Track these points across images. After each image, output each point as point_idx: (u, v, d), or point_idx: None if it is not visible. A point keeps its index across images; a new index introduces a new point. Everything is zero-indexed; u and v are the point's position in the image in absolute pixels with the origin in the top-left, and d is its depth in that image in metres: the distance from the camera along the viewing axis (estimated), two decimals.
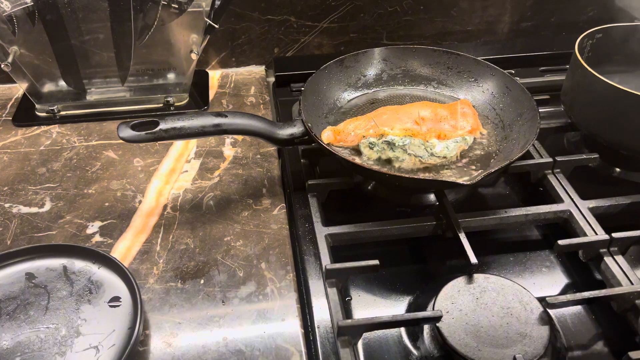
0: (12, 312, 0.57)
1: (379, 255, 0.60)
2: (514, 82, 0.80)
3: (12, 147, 0.83)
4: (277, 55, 1.03)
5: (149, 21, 0.79)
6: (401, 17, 1.02)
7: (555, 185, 0.73)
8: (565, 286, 0.65)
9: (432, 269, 0.68)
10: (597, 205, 0.70)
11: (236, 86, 0.98)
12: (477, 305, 0.58)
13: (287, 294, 0.61)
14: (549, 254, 0.69)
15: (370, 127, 0.74)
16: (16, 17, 0.76)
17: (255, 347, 0.56)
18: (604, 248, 0.64)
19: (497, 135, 0.78)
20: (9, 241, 0.67)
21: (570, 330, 0.59)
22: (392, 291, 0.64)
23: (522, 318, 0.57)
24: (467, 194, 0.77)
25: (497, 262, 0.67)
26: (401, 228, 0.67)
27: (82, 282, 0.60)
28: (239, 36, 0.99)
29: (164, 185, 0.76)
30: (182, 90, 0.92)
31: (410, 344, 0.58)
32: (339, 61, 0.84)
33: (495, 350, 0.54)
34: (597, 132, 0.78)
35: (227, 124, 0.67)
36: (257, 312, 0.60)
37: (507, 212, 0.69)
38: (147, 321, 0.58)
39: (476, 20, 1.05)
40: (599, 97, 0.75)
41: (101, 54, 0.85)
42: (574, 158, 0.76)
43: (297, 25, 1.00)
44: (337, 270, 0.60)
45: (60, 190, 0.75)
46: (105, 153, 0.82)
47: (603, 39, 0.84)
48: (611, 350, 0.58)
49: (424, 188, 0.75)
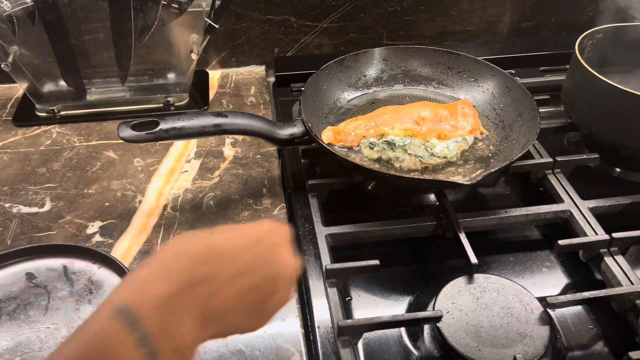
0: (12, 312, 0.57)
1: (379, 255, 0.60)
2: (514, 82, 0.80)
3: (12, 147, 0.83)
4: (277, 55, 1.03)
5: (149, 21, 0.79)
6: (401, 17, 1.02)
7: (556, 185, 0.73)
8: (566, 286, 0.65)
9: (432, 269, 0.68)
10: (598, 205, 0.70)
11: (236, 86, 0.98)
12: (477, 305, 0.58)
13: None
14: (549, 254, 0.69)
15: (370, 127, 0.74)
16: (16, 17, 0.76)
17: (256, 347, 0.56)
18: (604, 248, 0.64)
19: (497, 135, 0.78)
20: (9, 241, 0.67)
21: (570, 330, 0.59)
22: (393, 291, 0.64)
23: (522, 318, 0.57)
24: (468, 194, 0.77)
25: (497, 262, 0.67)
26: (401, 228, 0.67)
27: (83, 282, 0.60)
28: (239, 36, 0.99)
29: (164, 185, 0.76)
30: (182, 90, 0.92)
31: (411, 344, 0.58)
32: (339, 61, 0.84)
33: (495, 350, 0.54)
34: (598, 132, 0.78)
35: (227, 124, 0.67)
36: None
37: (508, 212, 0.69)
38: None
39: (476, 20, 1.05)
40: (599, 97, 0.75)
41: (101, 54, 0.84)
42: (574, 158, 0.76)
43: (297, 25, 1.00)
44: (337, 270, 0.60)
45: (60, 190, 0.75)
46: (106, 153, 0.82)
47: (603, 39, 0.84)
48: (611, 350, 0.58)
49: (424, 188, 0.75)
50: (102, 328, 0.31)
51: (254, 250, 0.38)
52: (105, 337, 0.30)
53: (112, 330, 0.30)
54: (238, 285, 0.36)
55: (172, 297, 0.33)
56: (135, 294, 0.32)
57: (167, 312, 0.32)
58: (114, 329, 0.30)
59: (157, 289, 0.32)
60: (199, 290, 0.34)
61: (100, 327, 0.31)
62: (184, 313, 0.33)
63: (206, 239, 0.37)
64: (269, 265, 0.39)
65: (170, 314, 0.32)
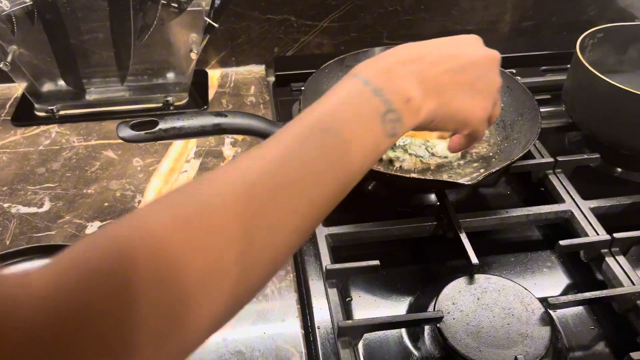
0: None
1: (379, 255, 0.60)
2: (515, 81, 0.79)
3: (11, 147, 0.83)
4: (277, 54, 1.03)
5: (148, 20, 0.79)
6: (402, 17, 1.01)
7: (557, 185, 0.73)
8: (567, 287, 0.65)
9: (432, 270, 0.67)
10: (599, 206, 0.70)
11: (236, 86, 0.98)
12: (478, 306, 0.58)
13: (287, 295, 0.61)
14: (550, 254, 0.68)
15: None
16: (15, 17, 0.75)
17: (255, 347, 0.56)
18: (605, 248, 0.64)
19: (498, 135, 0.78)
20: (7, 241, 0.67)
21: (571, 330, 0.59)
22: (393, 292, 0.64)
23: (523, 319, 0.57)
24: (468, 194, 0.77)
25: (498, 263, 0.67)
26: (402, 228, 0.66)
27: None
28: (239, 35, 0.99)
29: (164, 185, 0.76)
30: (181, 90, 0.91)
31: (411, 344, 0.58)
32: (340, 61, 0.84)
33: (496, 351, 0.54)
34: (599, 132, 0.78)
35: (227, 124, 0.67)
36: (257, 312, 0.59)
37: (508, 212, 0.68)
38: None
39: (477, 19, 1.04)
40: (600, 96, 0.75)
41: (100, 54, 0.84)
42: (575, 158, 0.76)
43: (297, 25, 0.99)
44: (337, 271, 0.60)
45: (59, 190, 0.75)
46: (105, 153, 0.82)
47: (604, 38, 0.84)
48: (612, 351, 0.58)
49: (424, 188, 0.74)
50: (344, 83, 0.40)
51: (457, 42, 0.46)
52: (346, 88, 0.39)
53: (351, 83, 0.39)
54: (448, 64, 0.43)
55: (391, 67, 0.41)
56: (365, 66, 0.41)
57: (391, 75, 0.40)
58: (353, 83, 0.39)
59: (378, 60, 0.42)
60: (413, 66, 0.41)
61: (342, 83, 0.40)
62: (405, 78, 0.40)
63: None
64: (475, 55, 0.45)
65: (393, 75, 0.40)
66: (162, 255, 0.27)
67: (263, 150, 0.35)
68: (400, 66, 0.41)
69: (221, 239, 0.30)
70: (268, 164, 0.33)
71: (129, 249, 0.27)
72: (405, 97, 0.39)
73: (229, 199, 0.31)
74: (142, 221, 0.29)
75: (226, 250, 0.30)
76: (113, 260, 0.26)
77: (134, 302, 0.26)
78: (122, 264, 0.26)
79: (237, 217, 0.30)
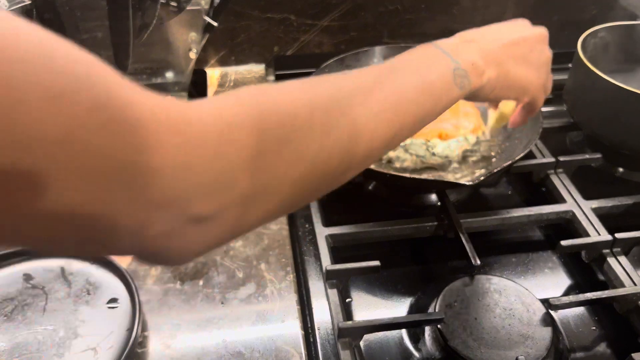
0: (9, 313, 0.57)
1: (379, 256, 0.60)
2: None
3: None
4: (277, 53, 1.02)
5: (147, 20, 0.79)
6: (402, 16, 1.01)
7: (558, 186, 0.72)
8: (568, 287, 0.65)
9: (433, 270, 0.67)
10: (600, 206, 0.70)
11: (236, 85, 0.97)
12: (479, 307, 0.58)
13: (287, 295, 0.61)
14: (552, 254, 0.68)
15: None
16: None
17: (255, 348, 0.56)
18: (606, 249, 0.63)
19: (499, 134, 0.77)
20: None
21: (572, 331, 0.59)
22: (393, 292, 0.63)
23: (524, 319, 0.56)
24: (469, 194, 0.76)
25: (499, 263, 0.67)
26: (402, 229, 0.66)
27: (80, 283, 0.59)
28: (239, 35, 0.99)
29: None
30: (180, 89, 0.91)
31: (412, 345, 0.58)
32: (340, 60, 0.83)
33: (497, 351, 0.53)
34: (600, 132, 0.78)
35: None
36: (256, 313, 0.59)
37: (510, 212, 0.68)
38: (146, 322, 0.58)
39: (478, 18, 1.04)
40: (602, 96, 0.74)
41: (99, 53, 0.84)
42: (576, 158, 0.75)
43: (297, 24, 0.99)
44: (337, 271, 0.59)
45: None
46: None
47: (606, 37, 0.83)
48: (614, 351, 0.57)
49: (425, 188, 0.74)
50: (414, 48, 0.46)
51: (509, 24, 0.53)
52: (418, 49, 0.46)
53: (422, 47, 0.46)
54: (503, 40, 0.49)
55: (456, 43, 0.47)
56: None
57: (457, 48, 0.46)
58: (424, 46, 0.46)
59: (442, 40, 0.48)
60: (474, 44, 0.48)
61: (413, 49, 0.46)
62: (469, 51, 0.46)
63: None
64: (525, 32, 0.52)
65: (459, 48, 0.46)
66: (293, 122, 0.35)
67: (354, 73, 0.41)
68: (464, 44, 0.48)
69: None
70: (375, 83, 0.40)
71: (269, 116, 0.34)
72: (470, 61, 0.46)
73: (358, 96, 0.39)
74: (283, 96, 0.37)
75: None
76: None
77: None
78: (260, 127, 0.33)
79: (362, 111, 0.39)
